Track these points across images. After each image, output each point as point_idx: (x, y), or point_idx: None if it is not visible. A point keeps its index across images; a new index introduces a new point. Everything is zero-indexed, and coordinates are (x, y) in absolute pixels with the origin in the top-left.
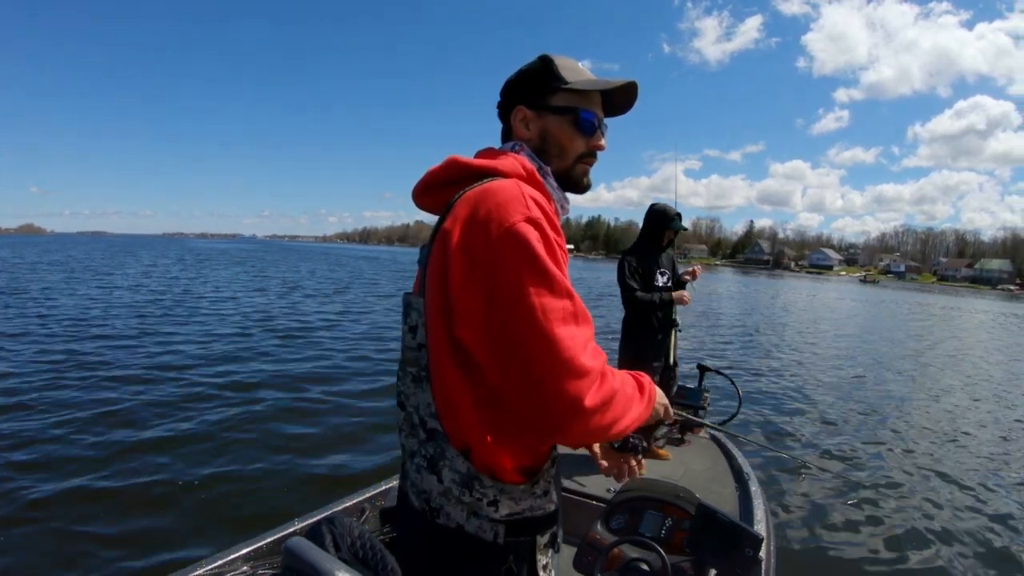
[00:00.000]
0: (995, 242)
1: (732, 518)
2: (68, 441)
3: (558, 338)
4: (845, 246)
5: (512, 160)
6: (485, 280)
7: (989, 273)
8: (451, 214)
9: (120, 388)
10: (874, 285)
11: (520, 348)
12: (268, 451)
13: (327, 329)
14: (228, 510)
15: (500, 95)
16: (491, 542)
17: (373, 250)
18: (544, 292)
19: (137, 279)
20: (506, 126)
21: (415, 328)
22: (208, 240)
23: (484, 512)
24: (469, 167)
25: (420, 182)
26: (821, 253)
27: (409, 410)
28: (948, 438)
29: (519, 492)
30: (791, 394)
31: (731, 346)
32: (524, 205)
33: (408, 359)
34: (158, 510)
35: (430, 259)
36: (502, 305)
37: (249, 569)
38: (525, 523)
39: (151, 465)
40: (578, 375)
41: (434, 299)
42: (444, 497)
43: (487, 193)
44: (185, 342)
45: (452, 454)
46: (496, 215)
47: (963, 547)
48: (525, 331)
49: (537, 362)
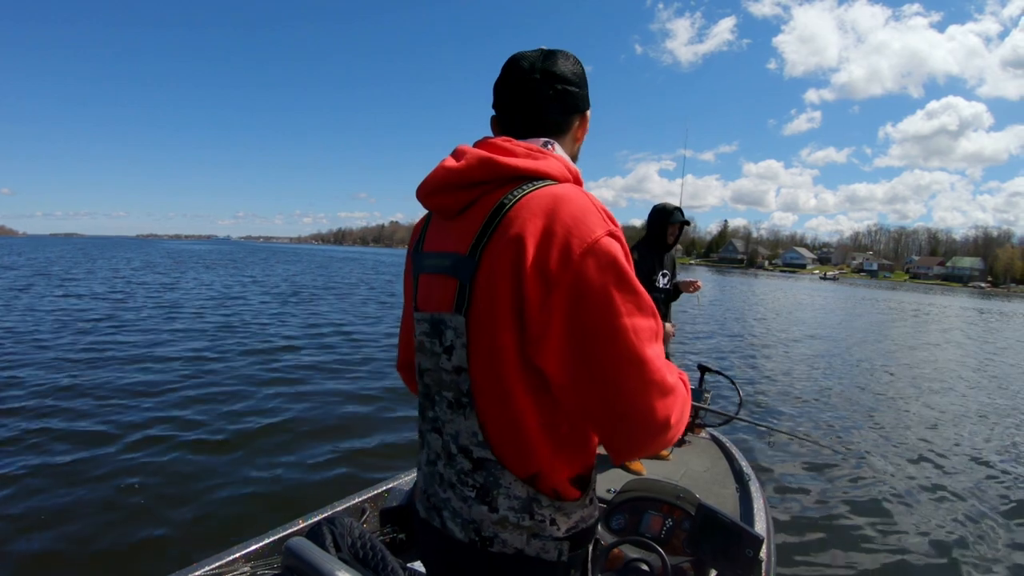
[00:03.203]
0: (967, 240)
1: (732, 518)
2: (64, 439)
3: (648, 359)
4: (819, 245)
5: (557, 162)
6: (568, 301)
7: (961, 271)
8: (511, 225)
9: (114, 388)
10: (834, 282)
11: (609, 369)
12: (268, 451)
13: (327, 331)
14: (228, 510)
15: (557, 80)
16: (555, 561)
17: (350, 251)
18: (635, 312)
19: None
20: (540, 116)
21: (451, 349)
22: (182, 241)
23: (547, 532)
24: (509, 168)
25: (437, 179)
26: (794, 252)
27: (446, 438)
28: (951, 440)
29: (574, 506)
30: (789, 394)
31: (718, 342)
32: (602, 218)
33: (441, 383)
34: (158, 510)
35: (482, 274)
36: (592, 327)
37: (249, 569)
38: (582, 535)
39: (151, 465)
40: (665, 394)
41: (498, 320)
42: (499, 525)
43: (559, 203)
44: (184, 341)
45: (509, 480)
46: (577, 230)
47: (965, 548)
48: (616, 353)
49: (628, 384)
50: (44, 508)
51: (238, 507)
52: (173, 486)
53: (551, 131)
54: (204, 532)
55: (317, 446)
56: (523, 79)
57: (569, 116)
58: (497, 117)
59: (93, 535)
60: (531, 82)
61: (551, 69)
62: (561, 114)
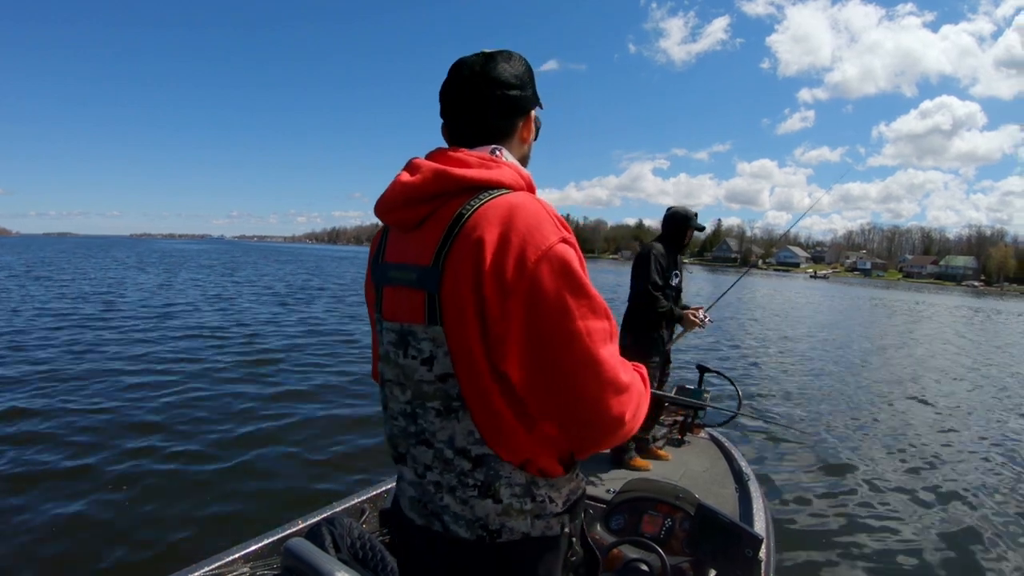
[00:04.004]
0: (960, 239)
1: (732, 519)
2: (64, 440)
3: (602, 359)
4: (812, 244)
5: (510, 170)
6: (524, 307)
7: (954, 270)
8: (470, 235)
9: (114, 387)
10: (824, 280)
11: (565, 372)
12: (268, 452)
13: (327, 332)
14: (228, 511)
15: (496, 85)
16: (559, 534)
17: (344, 250)
18: (588, 315)
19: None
20: (483, 122)
21: (430, 360)
22: (175, 241)
23: (548, 511)
24: (464, 180)
25: (395, 195)
26: (788, 251)
27: (438, 446)
28: (951, 440)
29: (564, 481)
30: (788, 393)
31: (718, 342)
32: (555, 225)
33: (426, 393)
34: (158, 511)
35: (447, 283)
36: (547, 332)
37: (249, 570)
38: (575, 505)
39: (151, 466)
40: (620, 392)
41: (467, 328)
42: (505, 515)
43: (514, 212)
44: (184, 341)
45: (508, 470)
46: (531, 238)
47: (966, 547)
48: (571, 356)
49: (584, 385)
50: (44, 509)
51: (238, 508)
52: (173, 487)
53: (496, 136)
54: (204, 533)
55: (317, 446)
56: (463, 86)
57: (512, 119)
58: (445, 124)
59: (93, 535)
60: (470, 88)
61: (490, 74)
62: (502, 118)
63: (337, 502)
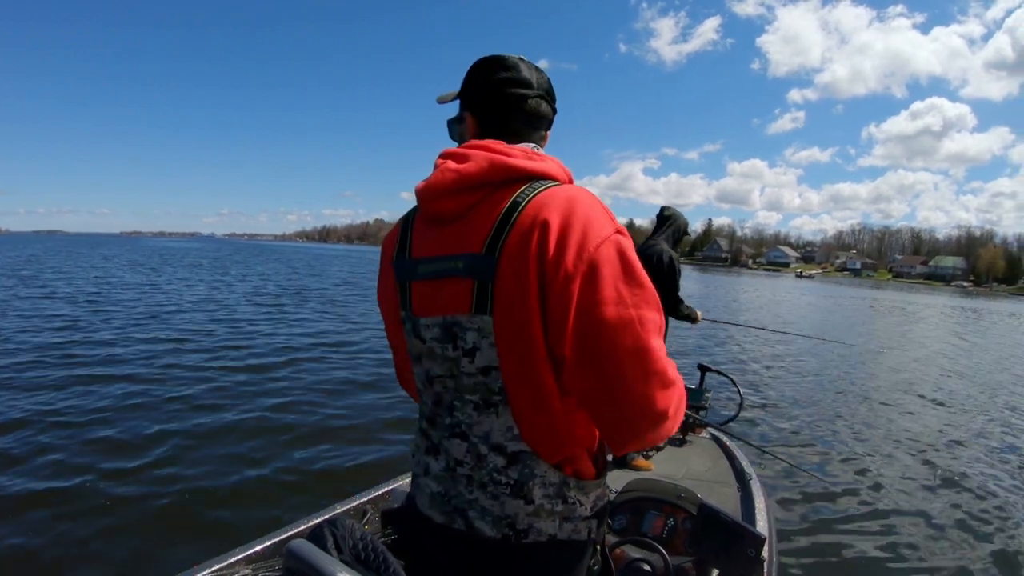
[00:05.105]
0: (950, 240)
1: (734, 518)
2: (62, 440)
3: (653, 349)
4: (803, 244)
5: (555, 164)
6: (582, 290)
7: (944, 270)
8: (529, 222)
9: (113, 387)
10: (810, 280)
11: (617, 360)
12: (269, 453)
13: (326, 331)
14: (229, 511)
15: (549, 99)
16: (585, 540)
17: (336, 249)
18: (642, 304)
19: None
20: (533, 127)
21: (472, 351)
22: (165, 239)
23: (577, 514)
24: (518, 169)
25: (446, 182)
26: (778, 251)
27: (473, 440)
28: (951, 439)
29: (594, 485)
30: (787, 394)
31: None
32: (610, 217)
33: (463, 387)
34: (158, 512)
35: (502, 272)
36: (602, 316)
37: (251, 571)
38: (602, 511)
39: (151, 466)
40: (667, 386)
41: (527, 313)
42: (534, 516)
43: (573, 202)
44: (183, 341)
45: (544, 469)
46: (591, 227)
47: (967, 549)
48: (624, 342)
49: (633, 373)
50: (43, 510)
51: (239, 508)
52: (173, 488)
53: (536, 142)
54: (204, 533)
55: (318, 447)
56: (524, 89)
57: (544, 131)
58: (477, 119)
59: (93, 536)
60: (531, 93)
61: (548, 88)
62: (544, 128)
63: (339, 503)
